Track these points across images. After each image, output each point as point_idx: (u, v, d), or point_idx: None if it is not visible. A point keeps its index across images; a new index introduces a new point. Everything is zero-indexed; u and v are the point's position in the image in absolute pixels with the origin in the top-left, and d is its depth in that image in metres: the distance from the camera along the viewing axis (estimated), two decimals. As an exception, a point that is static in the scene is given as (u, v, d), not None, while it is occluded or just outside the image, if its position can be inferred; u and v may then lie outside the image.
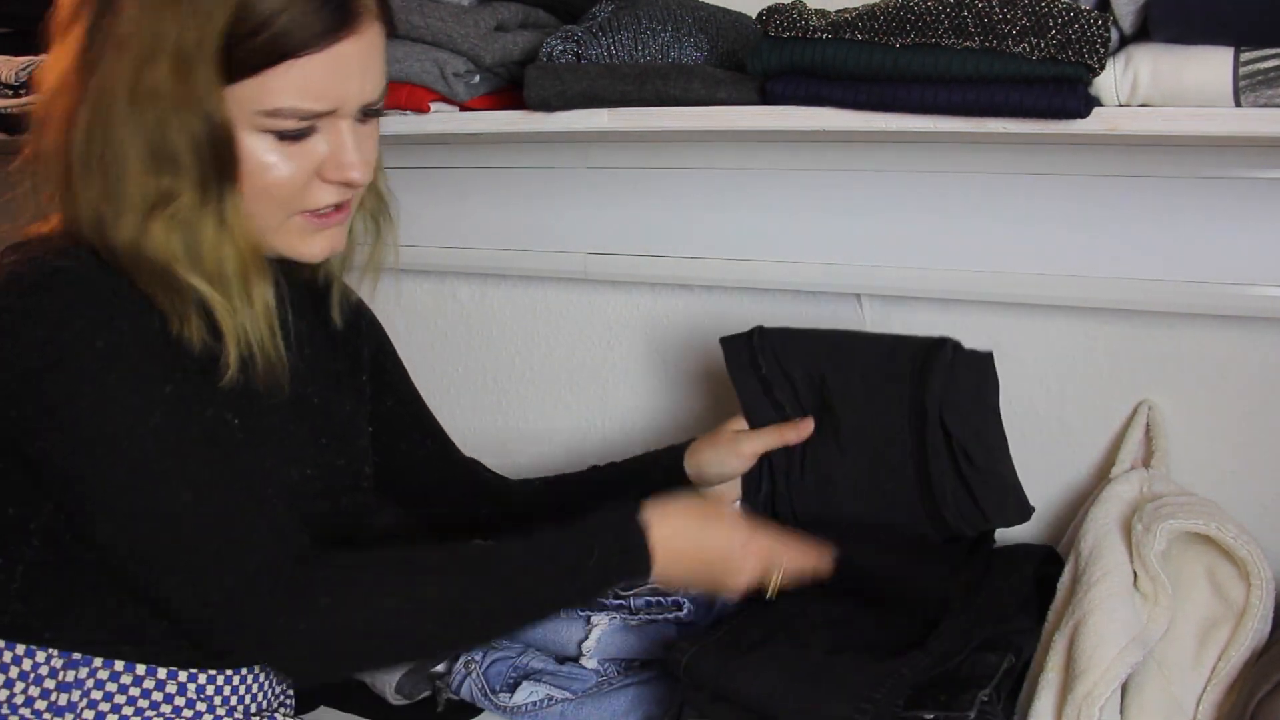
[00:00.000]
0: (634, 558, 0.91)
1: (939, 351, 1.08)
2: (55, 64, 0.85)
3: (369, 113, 0.89)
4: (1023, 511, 1.09)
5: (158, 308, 0.84)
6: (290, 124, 0.84)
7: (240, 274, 0.86)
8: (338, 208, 0.91)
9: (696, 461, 1.15)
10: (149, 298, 0.84)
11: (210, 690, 0.95)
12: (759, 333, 1.15)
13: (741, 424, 1.16)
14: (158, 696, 0.92)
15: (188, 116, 0.81)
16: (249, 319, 0.87)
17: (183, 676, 0.93)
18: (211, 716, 0.94)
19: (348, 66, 0.84)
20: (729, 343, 1.16)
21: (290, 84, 0.82)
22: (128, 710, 0.90)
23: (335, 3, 0.82)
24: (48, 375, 0.79)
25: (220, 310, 0.85)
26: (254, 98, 0.82)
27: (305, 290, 1.03)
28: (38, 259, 0.82)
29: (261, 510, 0.85)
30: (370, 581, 0.86)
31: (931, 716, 0.90)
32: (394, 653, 0.91)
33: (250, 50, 0.80)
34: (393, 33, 0.90)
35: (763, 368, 1.14)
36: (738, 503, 1.16)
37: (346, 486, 1.02)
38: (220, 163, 0.83)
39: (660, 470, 1.17)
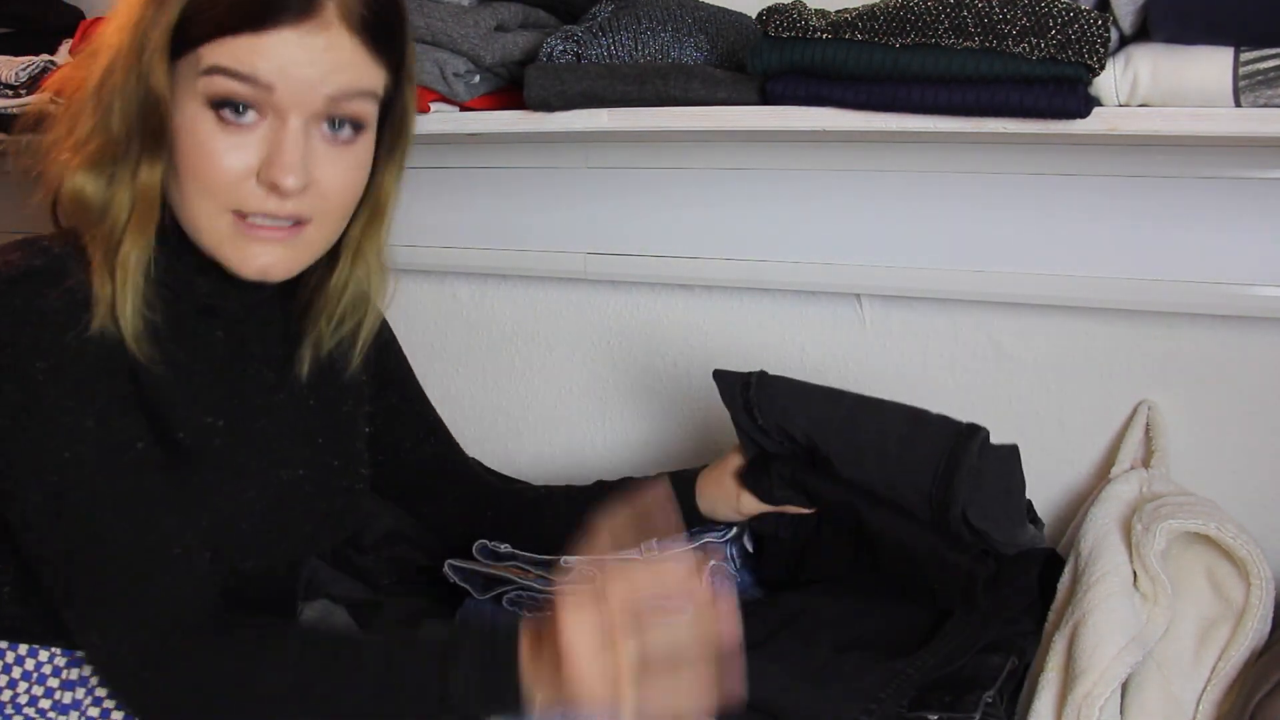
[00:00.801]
0: (500, 686, 0.80)
1: (964, 455, 0.97)
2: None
3: (337, 129, 0.86)
4: (1035, 540, 1.08)
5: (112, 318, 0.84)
6: (228, 84, 0.81)
7: (122, 239, 0.85)
8: (292, 224, 0.87)
9: (702, 497, 1.13)
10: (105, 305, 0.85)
11: None
12: (758, 381, 1.05)
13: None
14: None
15: (129, 81, 0.83)
16: (115, 283, 0.85)
17: None
18: None
19: (293, 53, 0.82)
20: (724, 379, 1.07)
21: (232, 50, 0.81)
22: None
23: None
24: None
25: (96, 266, 0.85)
26: (198, 61, 0.82)
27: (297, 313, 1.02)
28: (16, 261, 0.83)
29: (170, 563, 0.84)
30: (224, 670, 0.83)
31: (936, 717, 0.90)
32: None
33: (201, 23, 0.81)
34: (372, 45, 0.86)
35: (759, 419, 1.05)
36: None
37: (341, 488, 1.02)
38: (146, 131, 0.83)
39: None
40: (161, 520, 0.85)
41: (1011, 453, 1.01)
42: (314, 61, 0.83)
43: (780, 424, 1.04)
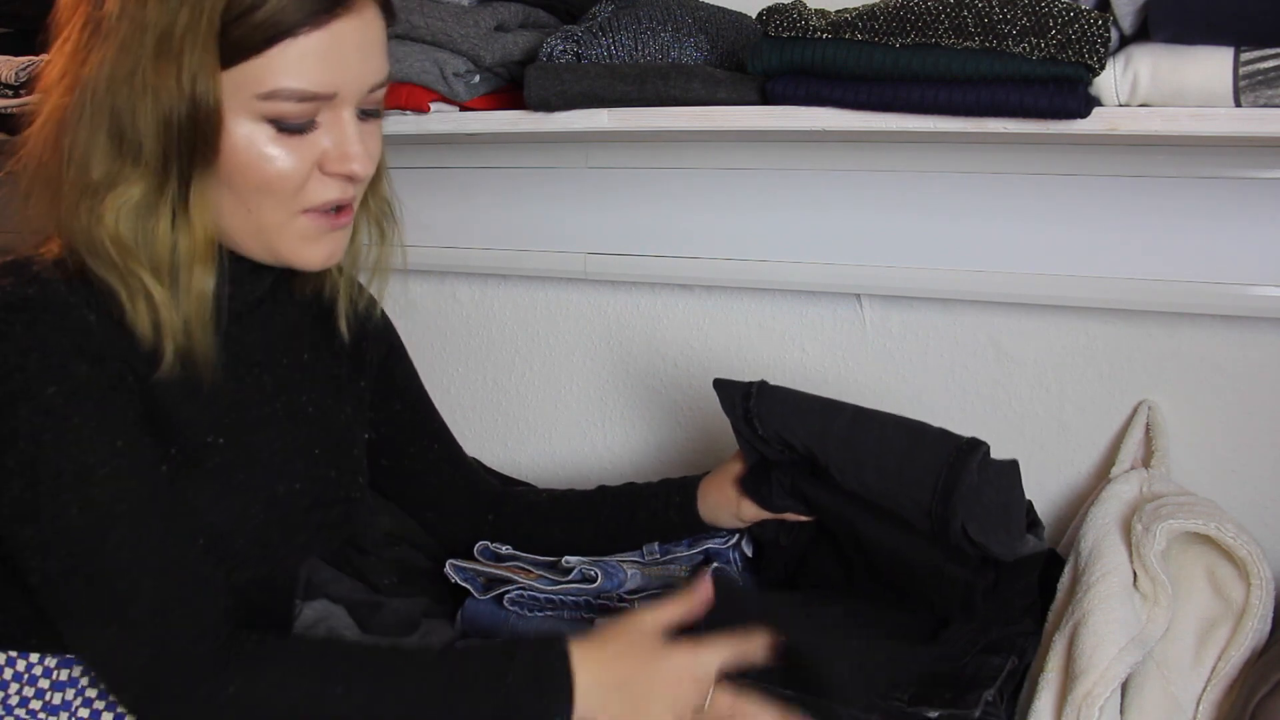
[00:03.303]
0: (552, 691, 0.85)
1: (963, 470, 0.97)
2: (51, 63, 0.85)
3: (369, 113, 0.89)
4: (1035, 549, 1.08)
5: (121, 340, 0.83)
6: (290, 107, 0.82)
7: (186, 264, 0.84)
8: (339, 211, 0.89)
9: (704, 504, 1.13)
10: (112, 325, 0.83)
11: None
12: (758, 392, 1.05)
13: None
14: None
15: (162, 100, 0.80)
16: (184, 311, 0.85)
17: None
18: None
19: (345, 47, 0.83)
20: (724, 389, 1.08)
21: (289, 64, 0.81)
22: (122, 709, 0.90)
23: None
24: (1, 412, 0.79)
25: (160, 301, 0.84)
26: (253, 80, 0.81)
27: (312, 297, 1.02)
28: (10, 287, 0.81)
29: (193, 581, 0.84)
30: (280, 674, 0.83)
31: (936, 715, 0.90)
32: None
33: (247, 29, 0.80)
34: (392, 22, 0.89)
35: (759, 429, 1.05)
36: (714, 566, 1.10)
37: (338, 498, 1.01)
38: (193, 149, 0.81)
39: (674, 509, 1.14)
40: (184, 536, 0.85)
41: (1011, 468, 1.01)
42: (362, 49, 0.85)
43: (780, 434, 1.04)
